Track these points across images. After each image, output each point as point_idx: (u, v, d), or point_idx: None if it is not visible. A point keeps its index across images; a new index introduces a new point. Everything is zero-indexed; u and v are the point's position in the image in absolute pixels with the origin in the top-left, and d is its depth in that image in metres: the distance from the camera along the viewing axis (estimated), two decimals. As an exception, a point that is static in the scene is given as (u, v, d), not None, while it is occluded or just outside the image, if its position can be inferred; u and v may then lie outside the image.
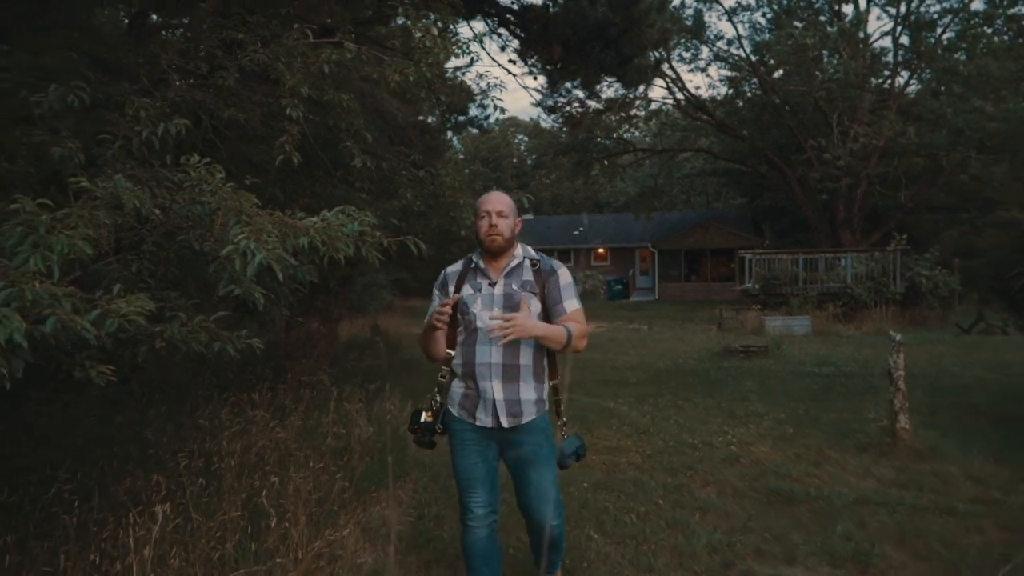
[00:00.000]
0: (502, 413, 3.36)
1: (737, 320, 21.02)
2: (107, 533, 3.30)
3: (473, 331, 3.41)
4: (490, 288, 3.45)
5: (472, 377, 3.40)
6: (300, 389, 6.86)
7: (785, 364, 13.33)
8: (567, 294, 3.47)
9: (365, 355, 10.07)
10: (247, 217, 3.29)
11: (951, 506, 5.54)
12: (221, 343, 3.43)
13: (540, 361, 3.46)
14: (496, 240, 3.43)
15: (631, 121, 35.30)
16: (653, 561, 4.40)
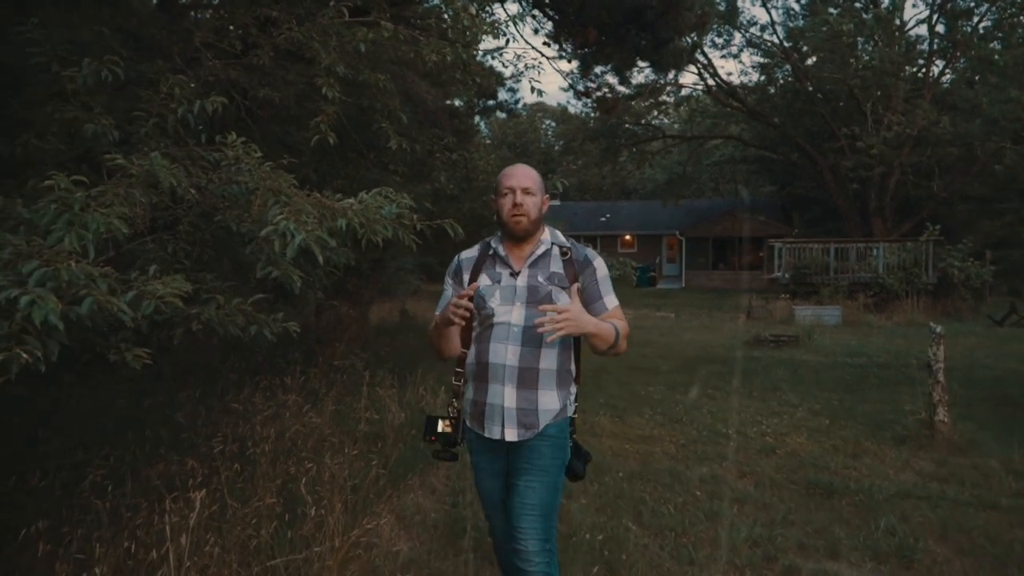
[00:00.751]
0: (510, 423, 2.88)
1: (766, 309, 20.80)
2: (141, 519, 3.23)
3: (488, 328, 2.93)
4: (511, 279, 2.95)
5: (483, 379, 2.93)
6: (331, 374, 6.80)
7: (817, 354, 13.15)
8: (605, 288, 3.01)
9: (396, 340, 10.01)
10: (286, 198, 3.19)
11: (994, 501, 5.38)
12: (258, 326, 3.35)
13: (567, 364, 2.98)
14: (521, 222, 2.94)
15: (661, 107, 34.98)
16: (693, 553, 4.29)
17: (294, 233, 3.01)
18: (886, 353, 13.30)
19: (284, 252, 3.03)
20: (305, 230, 3.07)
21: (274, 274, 3.24)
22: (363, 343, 8.86)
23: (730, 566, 4.18)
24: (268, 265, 3.28)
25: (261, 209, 3.27)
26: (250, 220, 3.33)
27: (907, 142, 26.46)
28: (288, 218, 3.06)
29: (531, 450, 2.89)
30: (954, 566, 4.25)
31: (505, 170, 3.06)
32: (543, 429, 2.90)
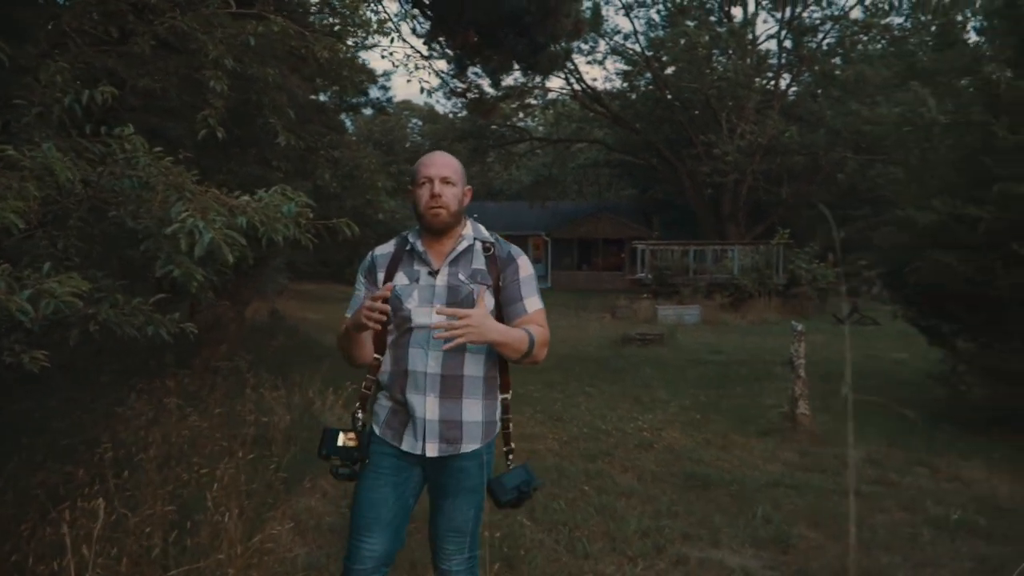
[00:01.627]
0: (431, 437, 2.64)
1: (631, 309, 21.45)
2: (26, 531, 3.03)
3: (406, 332, 2.69)
4: (430, 278, 2.72)
5: (400, 389, 2.69)
6: (212, 375, 6.57)
7: (681, 352, 13.69)
8: (528, 289, 2.77)
9: (273, 340, 9.78)
10: (189, 194, 3.08)
11: (855, 488, 5.76)
12: (155, 326, 3.23)
13: (492, 371, 2.74)
14: (439, 215, 2.69)
15: (528, 110, 35.43)
16: (588, 547, 4.40)
17: (202, 231, 2.93)
18: (744, 350, 14.00)
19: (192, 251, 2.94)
20: (213, 228, 2.99)
21: (176, 273, 3.13)
22: (243, 344, 8.60)
23: (623, 557, 4.31)
24: (168, 263, 3.17)
25: (163, 205, 3.15)
26: (149, 216, 3.21)
27: (758, 150, 27.78)
28: (194, 215, 2.97)
29: (460, 471, 2.67)
30: (827, 551, 4.53)
31: (422, 158, 2.81)
32: (477, 453, 2.68)
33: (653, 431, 7.47)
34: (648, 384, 10.19)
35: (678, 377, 10.85)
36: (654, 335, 15.32)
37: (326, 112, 12.91)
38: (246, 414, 5.44)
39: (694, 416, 8.21)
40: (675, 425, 7.77)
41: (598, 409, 8.51)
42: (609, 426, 7.66)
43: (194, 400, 5.78)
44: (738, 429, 7.62)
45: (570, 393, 9.49)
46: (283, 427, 5.44)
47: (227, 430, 5.04)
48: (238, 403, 5.82)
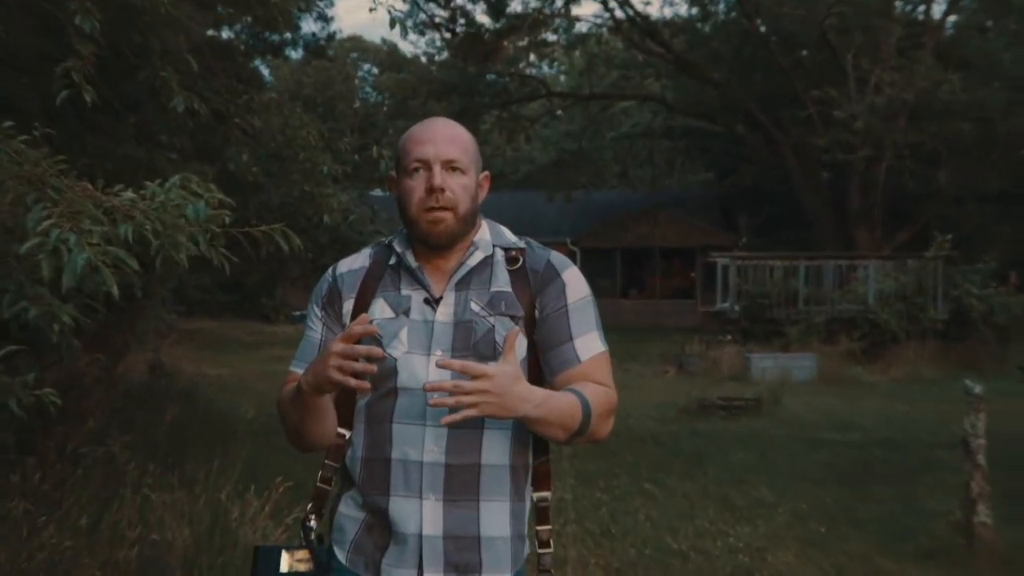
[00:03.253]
0: (432, 566, 2.52)
1: (708, 358, 21.41)
2: None
3: (389, 395, 2.57)
4: (427, 308, 2.62)
5: (380, 487, 2.57)
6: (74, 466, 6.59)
7: (790, 427, 13.67)
8: (581, 323, 2.68)
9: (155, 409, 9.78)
10: (54, 192, 3.13)
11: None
12: (1, 396, 3.29)
13: (522, 457, 2.65)
14: (443, 221, 2.59)
15: (544, 50, 35.68)
16: None
17: (73, 249, 2.97)
18: (888, 424, 13.96)
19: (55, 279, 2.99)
20: (88, 243, 3.02)
21: (31, 313, 3.17)
22: (115, 417, 8.60)
23: None
24: (20, 299, 3.22)
25: (12, 210, 3.20)
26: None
27: (902, 112, 27.67)
28: (61, 225, 3.01)
29: None
30: None
31: (412, 130, 2.68)
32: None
33: (754, 553, 7.43)
34: (742, 478, 10.18)
35: (787, 467, 10.83)
36: (746, 400, 15.29)
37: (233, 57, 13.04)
38: (126, 527, 5.43)
39: (816, 529, 8.19)
40: (787, 543, 7.74)
41: (665, 518, 8.49)
42: (684, 545, 7.62)
43: (49, 504, 5.76)
44: (886, 549, 7.60)
45: (621, 493, 9.47)
46: (182, 548, 5.44)
47: (98, 551, 5.04)
48: (113, 510, 5.80)
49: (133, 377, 13.44)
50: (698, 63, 32.49)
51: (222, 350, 25.14)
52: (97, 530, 5.49)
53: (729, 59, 32.46)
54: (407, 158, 2.60)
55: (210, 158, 7.88)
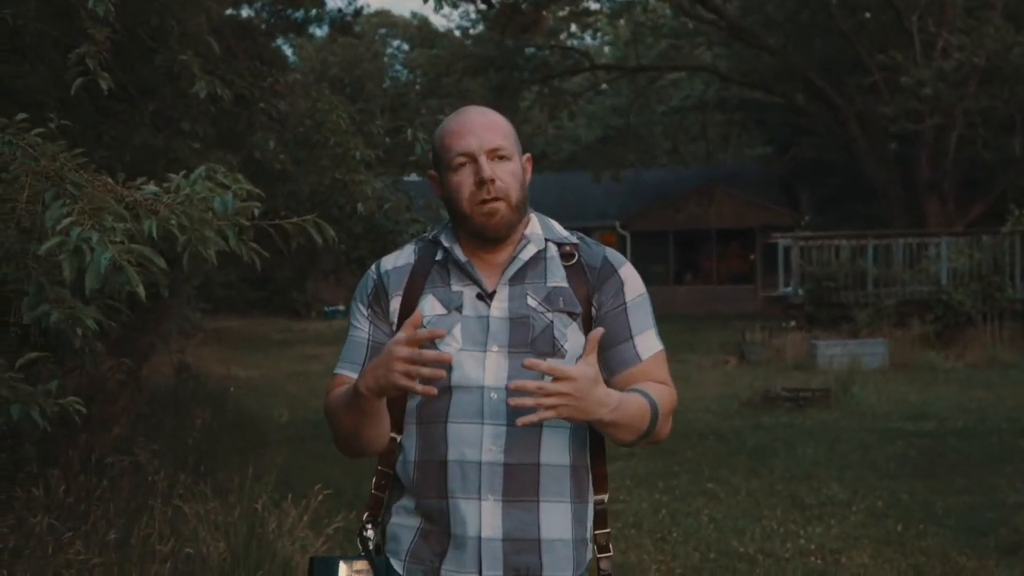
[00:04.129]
0: (492, 567, 2.57)
1: (770, 347, 21.32)
2: None
3: (443, 393, 2.58)
4: (480, 304, 2.67)
5: (436, 490, 2.62)
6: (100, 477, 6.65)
7: (861, 418, 13.61)
8: (640, 320, 2.75)
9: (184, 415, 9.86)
10: (74, 188, 3.15)
11: None
12: (24, 406, 3.31)
13: (583, 458, 2.70)
14: (498, 211, 2.63)
15: (587, 20, 35.60)
16: None
17: (96, 248, 2.98)
18: (966, 412, 13.87)
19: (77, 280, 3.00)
20: (111, 242, 3.03)
21: (53, 317, 3.19)
22: (142, 424, 8.67)
23: None
24: (41, 302, 3.24)
25: (31, 208, 3.22)
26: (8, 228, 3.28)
27: (973, 76, 27.46)
28: (82, 222, 3.02)
29: None
30: None
31: (448, 123, 2.72)
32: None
33: (826, 555, 7.42)
34: (811, 475, 10.15)
35: (859, 461, 10.79)
36: (813, 391, 15.23)
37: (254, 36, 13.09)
38: (157, 541, 5.47)
39: (892, 527, 8.16)
40: (862, 543, 7.71)
41: (730, 519, 8.49)
42: (751, 548, 7.63)
43: (74, 517, 5.81)
44: (965, 545, 7.56)
45: (681, 494, 9.48)
46: (217, 562, 5.47)
47: (128, 568, 5.08)
48: (143, 522, 5.84)
49: (158, 380, 13.54)
50: (752, 29, 32.27)
51: (251, 349, 25.32)
52: (127, 545, 5.53)
53: (785, 24, 32.25)
54: (449, 153, 2.65)
55: (234, 146, 7.90)
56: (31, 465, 6.77)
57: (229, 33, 10.47)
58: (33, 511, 5.62)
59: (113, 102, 6.73)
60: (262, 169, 7.86)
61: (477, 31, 37.21)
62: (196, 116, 6.95)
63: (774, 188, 40.20)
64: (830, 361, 19.40)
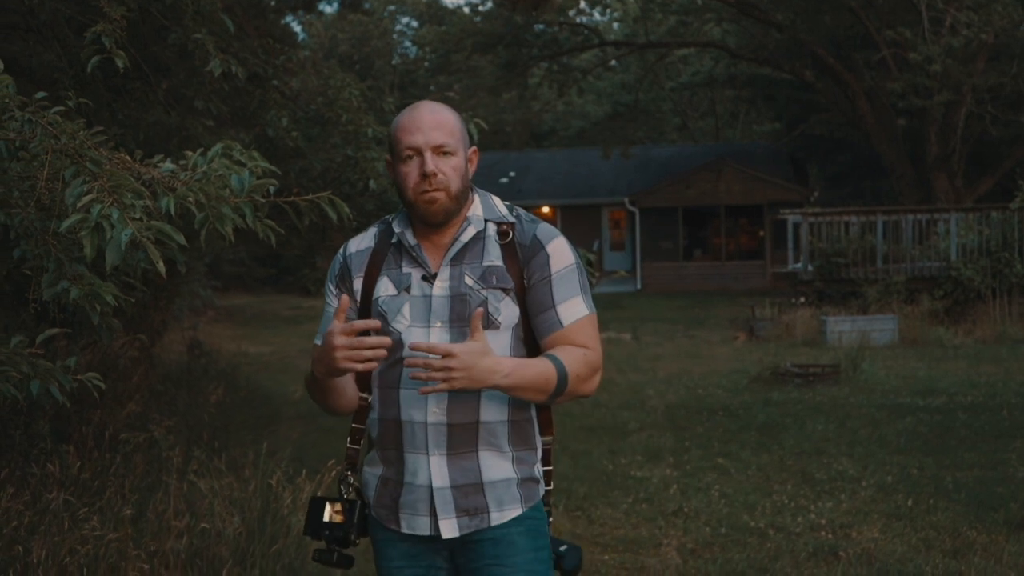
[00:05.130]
0: (444, 511, 2.98)
1: (779, 323, 21.33)
2: None
3: (395, 364, 2.98)
4: (425, 284, 3.04)
5: (393, 445, 3.03)
6: (114, 453, 6.69)
7: (870, 394, 13.61)
8: (564, 289, 3.06)
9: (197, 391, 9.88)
10: (94, 166, 3.17)
11: None
12: (43, 382, 3.33)
13: (524, 413, 3.08)
14: (437, 201, 2.98)
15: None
16: None
17: (116, 225, 3.00)
18: (975, 388, 13.86)
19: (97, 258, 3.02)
20: (131, 219, 3.06)
21: (73, 293, 3.22)
22: (155, 400, 8.69)
23: None
24: (60, 279, 3.26)
25: (50, 185, 3.24)
26: (28, 205, 3.30)
27: (981, 52, 27.39)
28: (102, 199, 3.04)
29: (500, 545, 3.00)
30: None
31: (401, 118, 3.06)
32: (518, 523, 3.03)
33: (837, 529, 7.43)
34: (821, 450, 10.16)
35: (869, 436, 10.80)
36: (823, 366, 15.25)
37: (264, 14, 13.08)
38: (172, 517, 5.50)
39: (902, 502, 8.16)
40: (872, 518, 7.73)
41: (740, 494, 8.51)
42: (762, 522, 7.64)
43: (89, 493, 5.84)
44: (975, 520, 7.57)
45: (691, 469, 9.50)
46: (232, 537, 5.50)
47: (144, 543, 5.11)
48: (158, 498, 5.89)
49: (171, 358, 13.59)
50: (761, 5, 32.12)
51: (262, 327, 25.36)
52: (142, 520, 5.57)
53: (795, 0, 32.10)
54: (399, 146, 3.02)
55: (247, 123, 7.92)
56: (45, 442, 6.82)
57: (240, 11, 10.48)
58: (48, 487, 5.67)
59: (127, 80, 6.74)
60: (274, 147, 7.87)
61: (486, 8, 37.06)
62: (209, 94, 6.96)
63: (783, 164, 40.12)
64: (839, 337, 19.44)
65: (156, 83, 7.01)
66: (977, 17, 26.01)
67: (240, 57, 7.07)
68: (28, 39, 5.80)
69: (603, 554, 6.88)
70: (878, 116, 30.99)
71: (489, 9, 36.39)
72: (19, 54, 5.74)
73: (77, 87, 5.70)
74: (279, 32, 13.53)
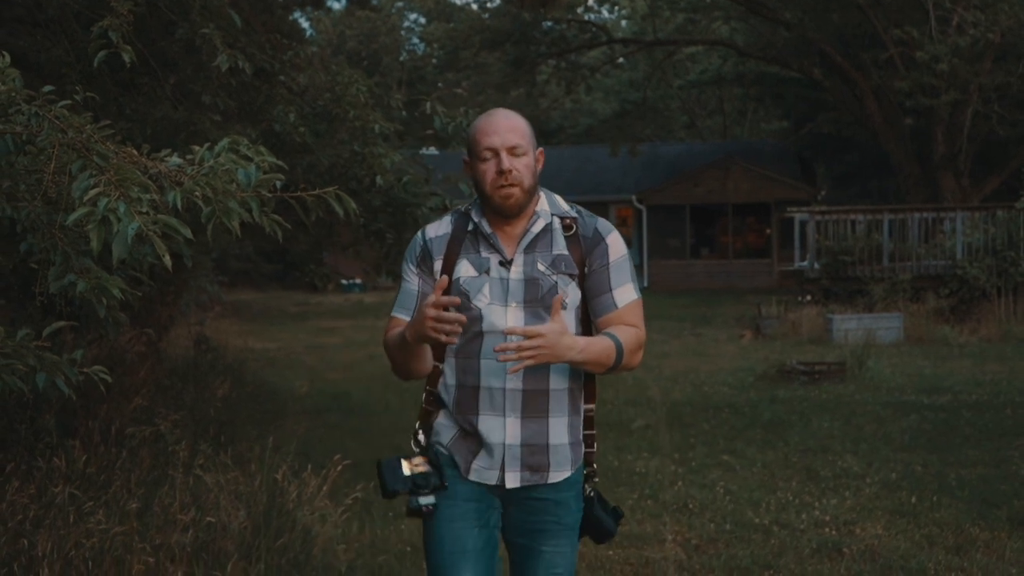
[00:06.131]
0: (512, 465, 3.47)
1: (786, 321, 21.33)
2: None
3: (475, 337, 3.45)
4: (502, 269, 3.48)
5: (470, 408, 3.48)
6: (119, 448, 6.72)
7: (876, 391, 13.62)
8: (619, 276, 3.55)
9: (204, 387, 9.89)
10: (100, 159, 3.18)
11: None
12: (49, 375, 3.35)
13: (577, 381, 3.57)
14: (512, 195, 3.42)
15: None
16: None
17: (123, 218, 3.02)
18: (980, 386, 13.88)
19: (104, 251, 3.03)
20: (138, 212, 3.08)
21: (80, 287, 3.23)
22: (162, 395, 8.70)
23: None
24: (67, 272, 3.28)
25: (57, 179, 3.26)
26: (35, 198, 3.31)
27: (988, 52, 27.35)
28: (109, 193, 3.06)
29: (556, 505, 3.52)
30: None
31: (479, 123, 3.48)
32: (568, 482, 3.53)
33: (841, 526, 7.44)
34: (826, 447, 10.17)
35: (874, 434, 10.81)
36: (829, 364, 15.23)
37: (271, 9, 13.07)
38: (178, 511, 5.52)
39: (906, 499, 8.17)
40: (875, 514, 7.74)
41: (745, 491, 8.52)
42: (766, 519, 7.65)
43: (95, 487, 5.85)
44: (979, 517, 7.58)
45: (697, 465, 9.51)
46: (238, 531, 5.51)
47: (150, 536, 5.12)
48: (164, 492, 5.90)
49: (177, 352, 13.61)
50: (769, 3, 32.06)
51: (268, 322, 25.39)
52: (148, 514, 5.58)
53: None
54: (478, 147, 3.44)
55: (254, 119, 7.92)
56: (51, 436, 6.83)
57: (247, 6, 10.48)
58: (54, 481, 5.67)
59: (134, 75, 6.77)
60: (281, 142, 7.87)
61: (494, 4, 37.26)
62: (216, 89, 6.98)
63: (791, 162, 40.07)
64: (845, 335, 19.44)
65: (163, 78, 7.02)
66: (984, 16, 25.99)
67: (247, 52, 7.07)
68: (36, 34, 5.80)
69: (608, 549, 6.89)
70: (885, 115, 30.95)
71: (497, 6, 36.52)
72: (27, 49, 5.75)
73: (84, 82, 5.72)
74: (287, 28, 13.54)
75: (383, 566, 6.28)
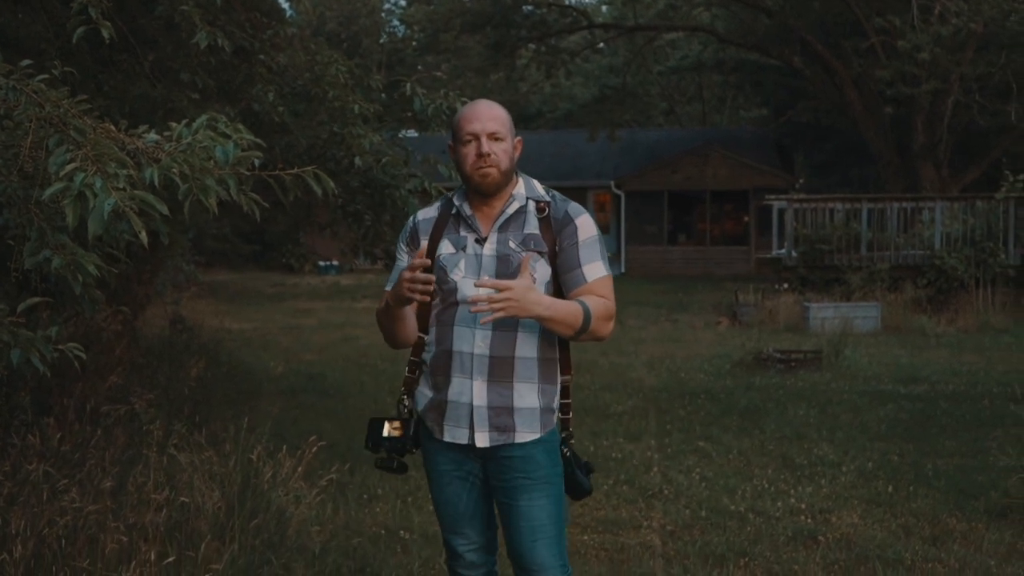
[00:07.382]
0: (480, 425, 3.82)
1: (763, 308, 21.36)
2: None
3: (451, 307, 3.85)
4: (477, 246, 3.87)
5: (444, 371, 3.86)
6: (94, 426, 6.69)
7: (852, 380, 13.67)
8: (588, 254, 3.89)
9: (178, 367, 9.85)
10: (77, 134, 3.16)
11: None
12: (24, 351, 3.33)
13: (550, 352, 3.91)
14: (489, 175, 3.80)
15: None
16: None
17: (99, 194, 2.99)
18: (957, 376, 13.94)
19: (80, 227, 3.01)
20: (115, 188, 3.06)
21: (55, 263, 3.21)
22: (137, 374, 8.66)
23: None
24: (42, 248, 3.26)
25: (34, 154, 3.23)
26: (11, 173, 3.29)
27: (969, 42, 27.38)
28: (86, 168, 3.04)
29: (524, 461, 3.85)
30: None
31: (463, 111, 3.91)
32: (538, 445, 3.85)
33: (816, 514, 7.45)
34: (802, 435, 10.19)
35: (850, 422, 10.83)
36: (805, 352, 15.28)
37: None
38: (152, 490, 5.50)
39: (882, 488, 8.19)
40: (851, 503, 7.75)
41: (720, 477, 8.53)
42: (742, 506, 7.66)
43: (69, 465, 5.84)
44: (955, 507, 7.59)
45: (673, 452, 9.52)
46: (212, 511, 5.50)
47: (124, 515, 5.10)
48: (138, 471, 5.88)
49: (153, 332, 13.57)
50: (750, -10, 32.17)
51: (244, 303, 25.34)
52: (122, 493, 5.57)
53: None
54: (461, 132, 3.83)
55: (233, 98, 7.89)
56: (26, 413, 6.81)
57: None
58: (28, 459, 5.65)
59: (113, 52, 6.73)
60: (260, 121, 7.85)
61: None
62: (195, 67, 6.95)
63: (769, 150, 40.13)
64: (822, 323, 19.52)
65: (142, 55, 6.99)
66: (967, 6, 25.95)
67: (227, 30, 7.03)
68: (16, 10, 5.76)
69: (583, 535, 6.89)
70: (865, 104, 30.99)
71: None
72: (6, 25, 5.70)
73: (63, 57, 5.69)
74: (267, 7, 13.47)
75: (357, 548, 6.27)
